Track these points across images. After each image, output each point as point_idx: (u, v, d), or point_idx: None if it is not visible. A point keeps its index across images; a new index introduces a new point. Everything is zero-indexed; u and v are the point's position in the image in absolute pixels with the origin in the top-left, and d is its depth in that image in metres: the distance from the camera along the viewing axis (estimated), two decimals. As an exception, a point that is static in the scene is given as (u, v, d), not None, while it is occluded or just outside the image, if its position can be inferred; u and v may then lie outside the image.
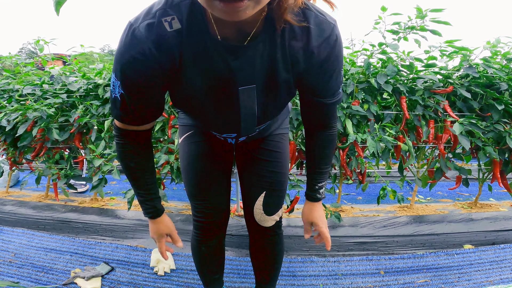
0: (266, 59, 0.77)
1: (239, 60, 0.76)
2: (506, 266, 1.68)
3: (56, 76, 2.34)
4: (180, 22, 0.72)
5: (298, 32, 0.75)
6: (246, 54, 0.75)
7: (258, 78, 0.80)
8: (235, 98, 0.82)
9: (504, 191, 3.27)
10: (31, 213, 2.44)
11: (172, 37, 0.72)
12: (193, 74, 0.78)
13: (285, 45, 0.76)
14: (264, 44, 0.75)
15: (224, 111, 0.87)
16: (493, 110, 1.98)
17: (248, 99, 0.83)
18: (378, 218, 2.19)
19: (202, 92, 0.81)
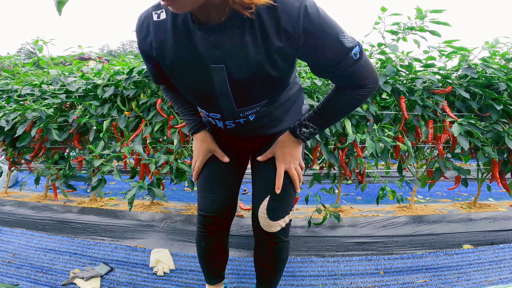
0: (236, 41, 0.84)
1: (210, 41, 0.85)
2: (505, 266, 1.68)
3: (55, 76, 2.34)
4: (166, 13, 0.89)
5: (267, 13, 0.80)
6: (216, 35, 0.84)
7: (229, 59, 0.86)
8: (208, 75, 0.91)
9: (503, 191, 3.28)
10: (30, 214, 2.44)
11: (157, 25, 0.91)
12: (175, 52, 0.91)
13: (255, 28, 0.82)
14: (232, 28, 0.83)
15: (202, 87, 0.96)
16: (492, 110, 1.99)
17: (220, 78, 0.90)
18: (378, 218, 2.19)
19: (180, 69, 0.94)
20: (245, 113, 1.01)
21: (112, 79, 2.22)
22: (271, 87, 0.95)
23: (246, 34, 0.83)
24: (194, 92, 1.00)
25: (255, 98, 0.97)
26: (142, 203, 2.63)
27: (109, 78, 2.23)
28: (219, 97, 0.96)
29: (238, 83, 0.91)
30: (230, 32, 0.83)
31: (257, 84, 0.91)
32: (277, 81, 0.93)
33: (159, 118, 2.09)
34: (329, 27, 0.82)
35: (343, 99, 0.97)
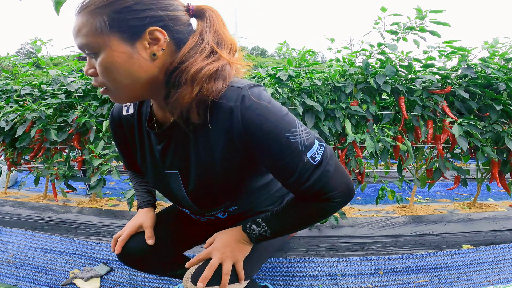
0: (182, 147, 0.82)
1: (161, 146, 0.85)
2: (505, 266, 1.69)
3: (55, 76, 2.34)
4: (134, 107, 0.92)
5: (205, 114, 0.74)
6: (166, 141, 0.84)
7: (181, 164, 0.84)
8: (165, 179, 0.90)
9: (502, 191, 3.28)
10: (30, 214, 2.44)
11: (126, 119, 0.94)
12: (137, 150, 0.94)
13: (196, 135, 0.78)
14: (178, 133, 0.81)
15: (164, 188, 0.94)
16: (491, 110, 1.99)
17: (175, 183, 0.88)
18: (377, 218, 2.19)
19: (145, 167, 0.94)
20: (211, 213, 0.95)
21: (112, 79, 2.22)
22: (228, 190, 0.88)
23: (190, 138, 0.79)
24: (159, 189, 0.97)
25: (214, 201, 0.90)
26: (141, 203, 2.62)
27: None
28: (181, 200, 0.92)
29: (193, 188, 0.86)
30: (176, 137, 0.81)
31: (211, 187, 0.85)
32: (233, 184, 0.86)
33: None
34: (273, 123, 0.71)
35: (303, 211, 0.83)
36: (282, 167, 0.74)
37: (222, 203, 0.91)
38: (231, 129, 0.72)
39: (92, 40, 0.68)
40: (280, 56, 2.97)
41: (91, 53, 0.70)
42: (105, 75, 0.70)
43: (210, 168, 0.80)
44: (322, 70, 2.19)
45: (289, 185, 0.78)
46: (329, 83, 2.04)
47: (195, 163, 0.81)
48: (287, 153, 0.72)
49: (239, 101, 0.70)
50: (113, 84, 0.71)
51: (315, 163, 0.74)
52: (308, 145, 0.73)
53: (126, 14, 0.68)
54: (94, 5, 0.68)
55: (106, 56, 0.68)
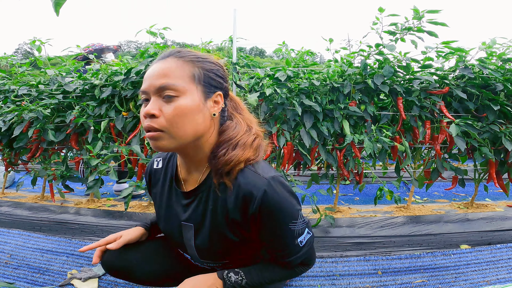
0: (203, 206, 0.92)
1: (184, 203, 0.96)
2: (502, 266, 1.69)
3: (52, 76, 2.33)
4: (162, 163, 1.05)
5: (229, 188, 0.86)
6: (189, 200, 0.95)
7: (197, 219, 0.94)
8: (179, 228, 0.99)
9: (500, 191, 3.29)
10: (27, 214, 2.42)
11: (156, 171, 1.07)
12: (161, 200, 1.03)
13: (217, 198, 0.89)
14: (203, 193, 0.92)
15: (174, 235, 1.02)
16: (488, 111, 2.00)
17: (187, 233, 0.97)
18: (375, 219, 2.19)
19: (160, 213, 1.05)
20: (209, 265, 1.04)
21: (110, 80, 2.22)
22: (231, 252, 0.97)
23: (209, 203, 0.91)
24: (169, 235, 1.06)
25: (216, 257, 0.99)
26: (140, 204, 2.62)
27: (106, 78, 2.23)
28: (187, 247, 1.01)
29: (201, 241, 0.95)
30: (199, 199, 0.93)
31: (217, 245, 0.94)
32: (236, 246, 0.95)
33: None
34: (282, 214, 0.86)
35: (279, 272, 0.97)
36: (277, 244, 0.90)
37: (222, 260, 1.00)
38: (247, 209, 0.85)
39: (182, 84, 0.79)
40: (278, 57, 2.97)
41: (169, 95, 0.79)
42: (175, 117, 0.79)
43: (222, 230, 0.91)
44: (321, 70, 2.19)
45: (276, 256, 0.94)
46: (328, 83, 2.04)
47: (210, 222, 0.91)
48: (285, 236, 0.89)
49: (262, 188, 0.83)
50: (175, 128, 0.80)
51: (301, 246, 0.92)
52: (301, 233, 0.91)
53: (212, 75, 0.85)
54: (190, 57, 0.84)
55: (187, 101, 0.79)
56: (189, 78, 0.81)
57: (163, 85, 0.78)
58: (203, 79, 0.83)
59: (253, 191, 0.83)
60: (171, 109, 0.78)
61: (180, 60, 0.82)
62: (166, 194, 1.01)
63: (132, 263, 1.08)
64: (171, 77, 0.79)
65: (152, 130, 0.79)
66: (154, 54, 2.02)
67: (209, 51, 2.22)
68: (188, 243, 0.98)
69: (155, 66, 0.82)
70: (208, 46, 2.49)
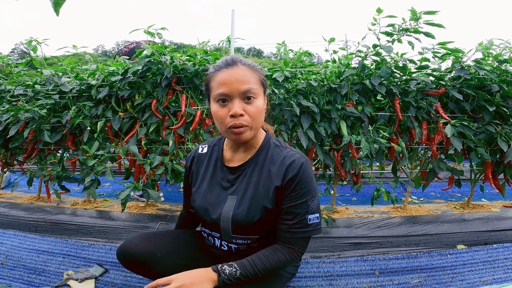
0: (248, 179, 1.10)
1: (231, 177, 1.13)
2: (498, 266, 1.70)
3: (49, 76, 2.31)
4: (207, 149, 1.24)
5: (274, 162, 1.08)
6: (238, 173, 1.12)
7: (241, 190, 1.10)
8: (221, 201, 1.12)
9: (496, 191, 3.32)
10: (23, 215, 2.41)
11: (200, 155, 1.25)
12: (203, 178, 1.19)
13: (262, 171, 1.09)
14: (249, 168, 1.11)
15: (212, 209, 1.13)
16: (484, 112, 2.01)
17: (228, 205, 1.10)
18: (373, 219, 2.20)
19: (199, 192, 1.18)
20: (237, 241, 1.12)
21: (107, 80, 2.21)
22: (264, 224, 1.09)
23: (254, 175, 1.09)
24: (203, 212, 1.16)
25: (247, 230, 1.09)
26: (137, 204, 2.61)
27: (103, 78, 2.22)
28: (222, 222, 1.10)
29: (241, 211, 1.08)
30: (245, 173, 1.11)
31: (253, 215, 1.07)
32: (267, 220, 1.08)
33: (154, 119, 2.08)
34: (307, 188, 1.05)
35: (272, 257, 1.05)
36: (291, 212, 1.05)
37: (251, 235, 1.10)
38: (287, 175, 1.04)
39: (258, 88, 1.03)
40: (276, 57, 2.97)
41: (250, 96, 1.01)
42: (256, 115, 1.02)
43: (261, 200, 1.06)
44: (318, 71, 2.20)
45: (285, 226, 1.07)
46: (325, 84, 2.05)
47: (252, 193, 1.08)
48: (300, 207, 1.05)
49: (301, 161, 1.06)
50: (255, 122, 1.03)
51: (308, 223, 1.06)
52: (313, 212, 1.07)
53: (264, 79, 1.09)
54: (252, 65, 1.05)
55: (261, 102, 1.04)
56: (259, 83, 1.05)
57: (247, 90, 0.99)
58: (264, 83, 1.08)
59: (295, 161, 1.05)
60: (253, 108, 1.01)
61: (249, 68, 1.03)
62: (210, 172, 1.18)
63: (156, 255, 1.13)
64: (250, 82, 1.00)
65: (240, 127, 1.01)
66: (151, 54, 2.01)
67: (207, 52, 2.22)
68: (225, 217, 1.09)
69: (231, 72, 1.00)
70: (205, 46, 2.49)
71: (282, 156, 1.08)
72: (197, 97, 2.13)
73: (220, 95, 1.00)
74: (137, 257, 1.11)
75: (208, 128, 2.08)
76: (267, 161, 1.09)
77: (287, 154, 1.08)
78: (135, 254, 1.11)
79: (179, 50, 2.20)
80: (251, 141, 1.12)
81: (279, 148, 1.11)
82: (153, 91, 2.10)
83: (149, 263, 1.12)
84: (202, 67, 2.04)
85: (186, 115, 2.06)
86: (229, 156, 1.17)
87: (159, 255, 1.13)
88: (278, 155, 1.09)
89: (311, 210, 1.06)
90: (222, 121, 1.02)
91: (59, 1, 0.67)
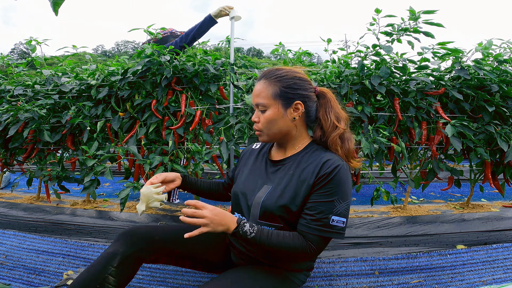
0: (285, 172, 1.17)
1: (274, 168, 1.22)
2: (498, 266, 1.70)
3: (49, 76, 2.32)
4: (260, 145, 1.39)
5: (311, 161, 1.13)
6: (278, 167, 1.21)
7: (276, 181, 1.17)
8: (257, 188, 1.20)
9: (495, 191, 3.31)
10: (23, 215, 2.41)
11: (253, 150, 1.39)
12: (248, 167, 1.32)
13: (299, 166, 1.15)
14: (288, 163, 1.19)
15: (246, 194, 1.22)
16: (484, 112, 2.01)
17: (262, 193, 1.17)
18: (372, 219, 2.20)
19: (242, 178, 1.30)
20: (262, 227, 1.12)
21: (107, 80, 2.21)
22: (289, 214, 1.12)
23: (291, 169, 1.16)
24: (237, 196, 1.25)
25: (275, 217, 1.13)
26: (136, 204, 2.61)
27: (103, 78, 2.22)
28: (252, 207, 1.17)
29: (272, 196, 1.13)
30: (284, 167, 1.19)
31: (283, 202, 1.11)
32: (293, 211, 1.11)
33: (154, 119, 2.08)
34: (337, 189, 1.07)
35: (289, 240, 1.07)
36: (316, 208, 1.07)
37: (276, 221, 1.14)
38: (319, 171, 1.08)
39: (266, 102, 1.14)
40: (276, 57, 2.97)
41: (262, 110, 1.15)
42: (266, 124, 1.15)
43: (293, 189, 1.11)
44: (318, 71, 2.20)
45: (305, 220, 1.08)
46: (325, 84, 2.05)
47: (286, 182, 1.14)
48: (326, 205, 1.07)
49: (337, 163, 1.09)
50: (266, 129, 1.17)
51: (329, 223, 1.06)
52: (338, 214, 1.07)
53: (288, 90, 1.14)
54: (273, 78, 1.15)
55: (270, 113, 1.14)
56: (271, 96, 1.13)
57: (257, 103, 1.16)
58: (283, 95, 1.13)
59: (331, 160, 1.10)
60: (263, 118, 1.15)
61: (266, 82, 1.15)
62: (256, 164, 1.30)
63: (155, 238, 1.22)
64: (260, 96, 1.15)
65: (257, 130, 1.20)
66: (151, 54, 2.02)
67: (207, 52, 2.22)
68: (257, 202, 1.16)
69: (255, 86, 1.18)
70: (205, 46, 2.49)
71: (321, 156, 1.13)
72: (197, 97, 2.13)
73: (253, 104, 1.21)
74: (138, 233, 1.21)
75: (208, 128, 2.08)
76: (305, 159, 1.16)
77: (326, 155, 1.13)
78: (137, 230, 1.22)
79: (179, 50, 2.20)
80: (290, 143, 1.22)
81: (321, 151, 1.16)
82: (153, 91, 2.10)
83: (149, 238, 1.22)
84: (201, 67, 2.04)
85: (185, 115, 2.06)
86: (274, 153, 1.29)
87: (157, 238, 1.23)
88: (317, 156, 1.14)
89: (337, 211, 1.06)
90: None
91: (58, 0, 0.67)
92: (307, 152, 1.18)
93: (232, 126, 2.03)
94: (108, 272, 1.06)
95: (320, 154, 1.14)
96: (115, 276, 1.07)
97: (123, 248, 1.12)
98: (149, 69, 2.08)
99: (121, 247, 1.12)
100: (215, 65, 2.07)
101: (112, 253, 1.10)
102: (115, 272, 1.07)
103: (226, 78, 2.13)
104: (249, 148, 1.44)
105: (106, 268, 1.06)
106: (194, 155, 2.05)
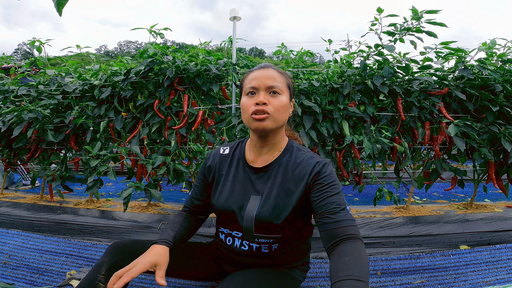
0: (272, 179, 1.13)
1: (254, 178, 1.16)
2: (502, 266, 1.69)
3: (52, 76, 2.33)
4: (229, 150, 1.26)
5: (297, 163, 1.13)
6: (262, 174, 1.16)
7: (266, 190, 1.13)
8: (245, 201, 1.14)
9: (499, 192, 3.29)
10: (26, 215, 2.42)
11: (221, 156, 1.26)
12: (226, 179, 1.21)
13: (287, 171, 1.13)
14: (273, 169, 1.15)
15: (234, 209, 1.15)
16: (487, 112, 2.00)
17: (252, 205, 1.12)
18: (375, 219, 2.19)
19: (222, 191, 1.20)
20: (259, 240, 1.14)
21: (109, 80, 2.22)
22: (287, 223, 1.11)
23: (278, 176, 1.13)
24: (225, 211, 1.18)
25: (270, 228, 1.11)
26: (139, 204, 2.62)
27: (106, 79, 2.23)
28: (244, 221, 1.12)
29: (265, 209, 1.10)
30: (269, 174, 1.15)
31: (278, 213, 1.09)
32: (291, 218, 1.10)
33: (156, 119, 2.09)
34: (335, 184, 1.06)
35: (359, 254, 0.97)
36: (332, 202, 1.03)
37: (274, 234, 1.12)
38: (312, 171, 1.08)
39: (282, 88, 1.10)
40: (278, 58, 2.97)
41: (276, 91, 1.09)
42: (278, 107, 1.08)
43: (286, 197, 1.10)
44: (320, 71, 2.19)
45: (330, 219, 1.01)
46: (327, 84, 2.05)
47: (277, 191, 1.11)
48: (338, 198, 1.04)
49: (323, 162, 1.11)
50: (277, 114, 1.08)
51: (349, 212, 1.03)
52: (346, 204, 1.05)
53: (291, 86, 1.18)
54: (282, 71, 1.16)
55: (284, 99, 1.10)
56: (286, 85, 1.13)
57: (273, 85, 1.08)
58: (289, 86, 1.15)
59: (319, 161, 1.11)
60: (276, 101, 1.08)
61: (278, 72, 1.13)
62: (232, 173, 1.20)
63: None
64: (277, 81, 1.10)
65: (261, 113, 1.06)
66: (153, 54, 2.02)
67: (209, 52, 2.22)
68: (249, 216, 1.11)
69: (262, 72, 1.11)
70: (207, 46, 2.49)
71: (306, 158, 1.13)
72: (199, 97, 2.13)
73: (249, 88, 1.10)
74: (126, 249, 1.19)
75: (210, 128, 2.08)
76: (290, 163, 1.14)
77: (310, 156, 1.13)
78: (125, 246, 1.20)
79: (181, 50, 2.20)
80: (274, 142, 1.17)
81: (302, 151, 1.16)
82: (155, 91, 2.11)
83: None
84: (204, 67, 2.04)
85: (188, 115, 2.06)
86: (253, 157, 1.20)
87: None
88: (301, 157, 1.14)
89: (345, 202, 1.04)
90: (247, 109, 1.09)
91: (62, 1, 0.68)
92: (289, 154, 1.17)
93: (234, 126, 2.03)
94: (97, 279, 1.11)
95: (303, 155, 1.15)
96: (104, 283, 1.11)
97: (108, 257, 1.16)
98: (152, 69, 2.09)
99: (107, 256, 1.17)
100: (217, 65, 2.07)
101: (101, 262, 1.15)
102: (104, 279, 1.11)
103: (228, 78, 2.13)
104: (215, 154, 1.28)
105: (96, 276, 1.11)
106: (197, 155, 2.05)
